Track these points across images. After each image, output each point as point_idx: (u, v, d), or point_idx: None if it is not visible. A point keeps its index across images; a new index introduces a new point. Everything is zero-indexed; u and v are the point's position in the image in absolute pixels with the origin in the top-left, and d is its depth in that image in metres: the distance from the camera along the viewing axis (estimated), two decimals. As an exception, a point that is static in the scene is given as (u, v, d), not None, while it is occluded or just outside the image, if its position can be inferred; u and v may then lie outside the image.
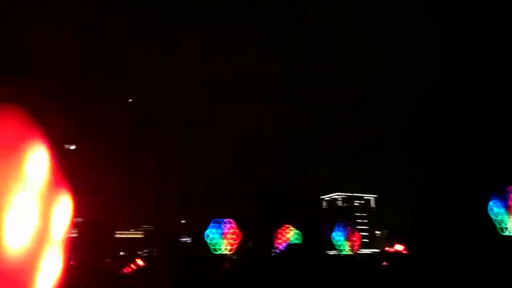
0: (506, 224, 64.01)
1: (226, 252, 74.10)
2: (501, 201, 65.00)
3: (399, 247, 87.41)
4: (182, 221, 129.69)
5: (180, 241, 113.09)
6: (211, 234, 75.77)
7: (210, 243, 75.27)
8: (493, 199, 65.51)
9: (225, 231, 76.23)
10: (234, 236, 76.41)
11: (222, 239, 75.61)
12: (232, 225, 76.71)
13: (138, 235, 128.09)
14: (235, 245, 75.90)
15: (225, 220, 77.14)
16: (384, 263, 42.94)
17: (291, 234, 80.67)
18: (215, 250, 74.17)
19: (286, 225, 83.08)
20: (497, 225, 63.83)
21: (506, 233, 62.69)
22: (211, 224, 76.29)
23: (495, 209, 65.12)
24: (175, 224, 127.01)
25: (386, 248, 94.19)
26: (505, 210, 64.72)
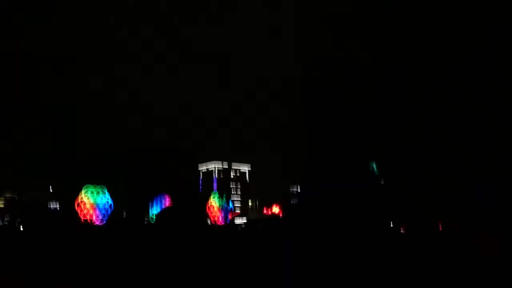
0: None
1: (97, 222, 69.89)
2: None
3: (276, 210, 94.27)
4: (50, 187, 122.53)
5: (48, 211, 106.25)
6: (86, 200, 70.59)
7: (78, 212, 70.45)
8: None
9: (98, 200, 71.31)
10: (107, 207, 71.49)
11: (94, 208, 70.79)
12: (105, 194, 72.16)
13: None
14: (106, 215, 71.17)
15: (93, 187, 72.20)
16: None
17: (167, 202, 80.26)
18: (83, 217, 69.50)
19: (162, 193, 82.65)
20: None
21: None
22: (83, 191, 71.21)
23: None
24: (42, 192, 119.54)
25: (264, 212, 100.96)
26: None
